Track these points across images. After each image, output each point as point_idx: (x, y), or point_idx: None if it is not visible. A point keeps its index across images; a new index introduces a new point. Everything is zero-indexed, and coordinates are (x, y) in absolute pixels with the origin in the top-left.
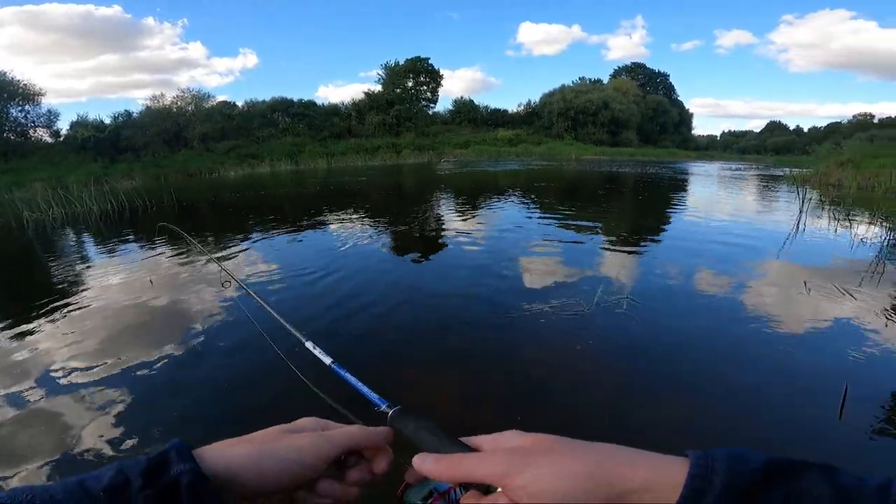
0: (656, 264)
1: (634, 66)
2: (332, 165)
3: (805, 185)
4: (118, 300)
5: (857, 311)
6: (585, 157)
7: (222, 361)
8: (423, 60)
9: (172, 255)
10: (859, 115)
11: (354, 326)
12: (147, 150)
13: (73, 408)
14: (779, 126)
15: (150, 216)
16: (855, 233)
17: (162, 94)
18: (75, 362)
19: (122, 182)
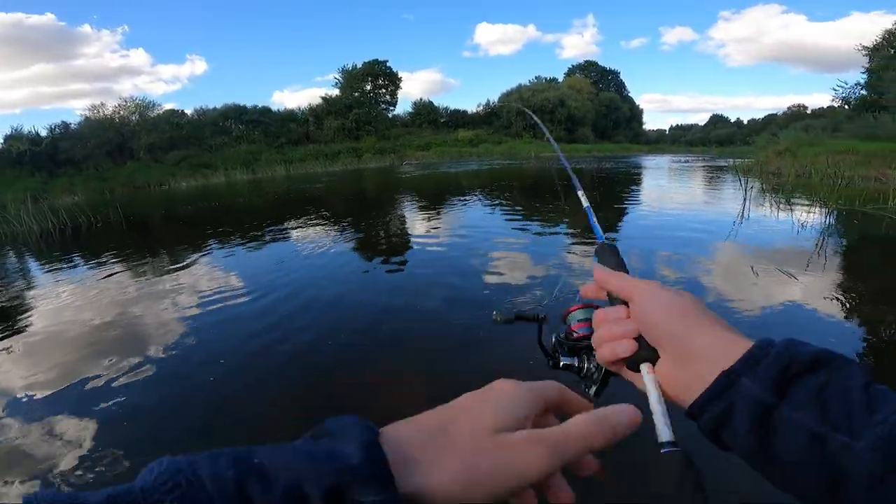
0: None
1: (587, 65)
2: (292, 172)
3: (747, 175)
4: (65, 322)
5: (808, 292)
6: (544, 154)
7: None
8: (381, 63)
9: (121, 273)
10: (793, 107)
11: (310, 331)
12: (88, 162)
13: (26, 434)
14: (721, 119)
15: (95, 233)
16: (797, 218)
17: (102, 104)
18: (23, 389)
19: (63, 198)
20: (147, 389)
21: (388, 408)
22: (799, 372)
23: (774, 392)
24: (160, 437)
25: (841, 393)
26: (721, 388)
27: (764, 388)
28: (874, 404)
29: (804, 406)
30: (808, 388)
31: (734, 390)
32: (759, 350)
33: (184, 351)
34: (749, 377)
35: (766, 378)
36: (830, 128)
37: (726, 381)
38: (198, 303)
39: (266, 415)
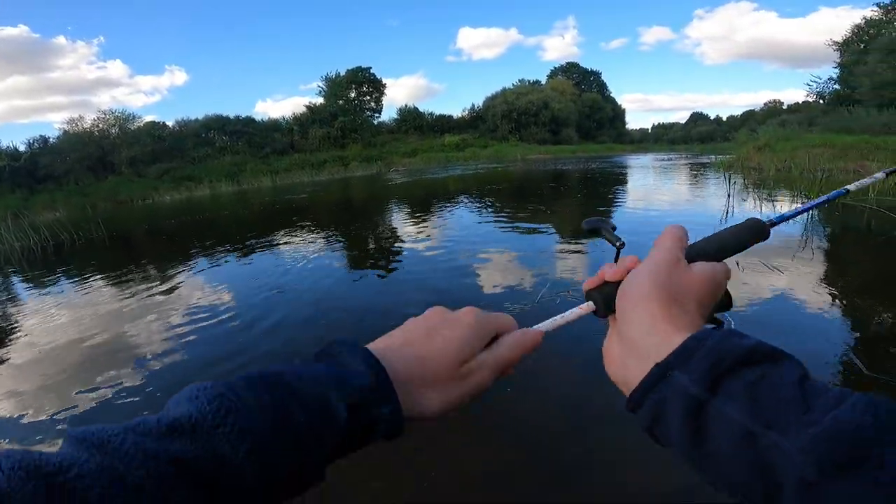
0: (601, 257)
1: (569, 66)
2: (278, 183)
3: (729, 171)
4: (47, 341)
5: (793, 285)
6: (531, 156)
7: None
8: (365, 70)
9: (104, 291)
10: (769, 103)
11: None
12: (69, 177)
13: None
14: (701, 117)
15: (77, 250)
16: (780, 212)
17: (80, 117)
18: (15, 409)
19: (45, 214)
20: (132, 409)
21: None
22: (733, 366)
23: (707, 386)
24: None
25: (774, 388)
26: (654, 380)
27: (695, 381)
28: (809, 401)
29: (735, 400)
30: (740, 381)
31: (666, 384)
32: (694, 342)
33: (169, 367)
34: (681, 370)
35: (697, 371)
36: (806, 122)
37: (659, 373)
38: (182, 319)
39: None
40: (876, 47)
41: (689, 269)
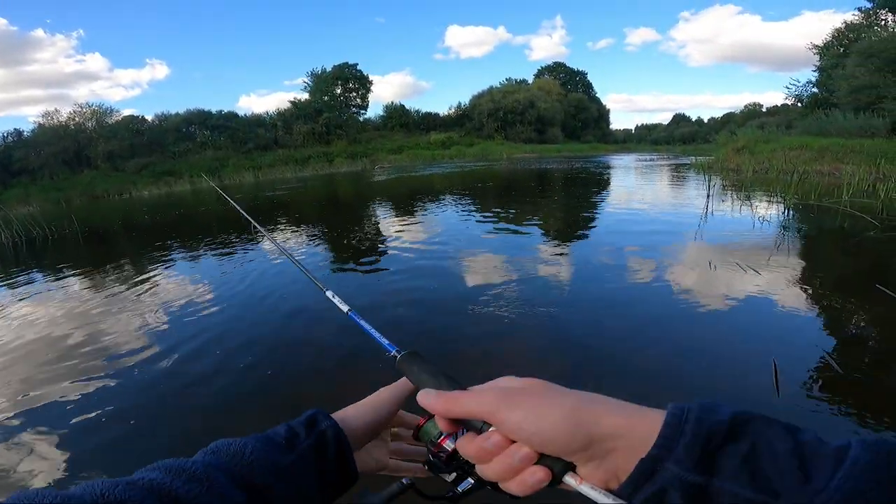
0: (586, 257)
1: (556, 66)
2: (260, 179)
3: (709, 171)
4: (18, 339)
5: (770, 286)
6: (516, 155)
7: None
8: (352, 66)
9: (77, 288)
10: (749, 105)
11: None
12: (44, 171)
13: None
14: (683, 118)
15: (50, 246)
16: (757, 213)
17: (56, 110)
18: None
19: (18, 208)
20: (107, 405)
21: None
22: (720, 443)
23: (702, 470)
24: (121, 451)
25: (770, 459)
26: (644, 475)
27: (689, 468)
28: (808, 469)
29: (734, 477)
30: (734, 457)
31: (660, 475)
32: (672, 428)
33: (145, 364)
34: (671, 461)
35: (688, 459)
36: (784, 125)
37: (648, 468)
38: (152, 315)
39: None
40: (855, 51)
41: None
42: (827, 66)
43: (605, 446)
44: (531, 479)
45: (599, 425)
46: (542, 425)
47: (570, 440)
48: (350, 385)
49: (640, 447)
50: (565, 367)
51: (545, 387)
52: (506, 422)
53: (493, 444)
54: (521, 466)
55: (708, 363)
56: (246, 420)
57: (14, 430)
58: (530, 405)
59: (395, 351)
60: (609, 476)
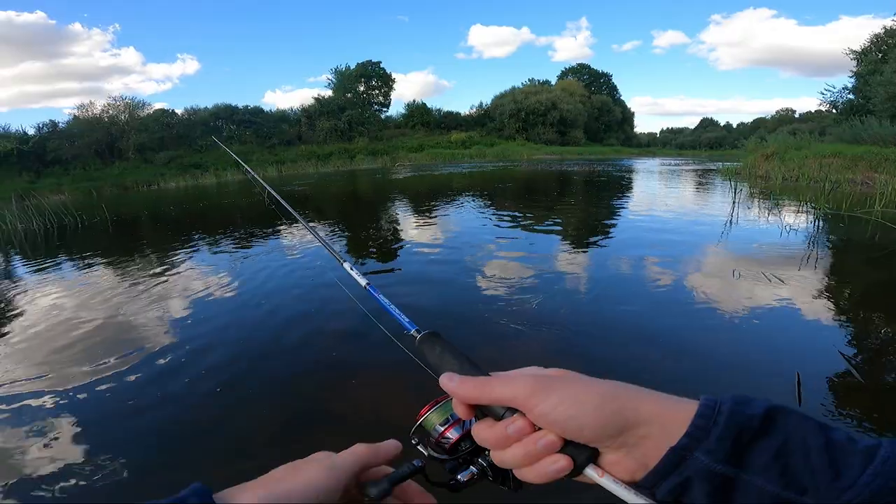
0: (605, 260)
1: (580, 67)
2: (283, 173)
3: (736, 178)
4: (44, 323)
5: (795, 296)
6: (536, 156)
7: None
8: (375, 64)
9: (104, 274)
10: (781, 111)
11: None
12: (76, 162)
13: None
14: (711, 122)
15: (80, 233)
16: (785, 222)
17: (91, 103)
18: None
19: (51, 197)
20: (127, 391)
21: (375, 412)
22: (752, 437)
23: (731, 462)
24: (138, 438)
25: (801, 455)
26: (672, 463)
27: (719, 459)
28: (838, 466)
29: (764, 471)
30: (766, 452)
31: (687, 465)
32: (705, 419)
33: (164, 351)
34: (701, 451)
35: (719, 450)
36: (817, 131)
37: (677, 457)
38: (174, 304)
39: (253, 419)
40: (894, 57)
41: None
42: (864, 72)
43: (639, 433)
44: (552, 467)
45: (636, 411)
46: (579, 410)
47: (605, 425)
48: (366, 370)
49: (671, 436)
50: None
51: (576, 375)
52: (539, 406)
53: (515, 430)
54: (543, 454)
55: (729, 372)
56: (259, 408)
57: (33, 411)
58: (567, 390)
59: (415, 330)
60: (637, 465)
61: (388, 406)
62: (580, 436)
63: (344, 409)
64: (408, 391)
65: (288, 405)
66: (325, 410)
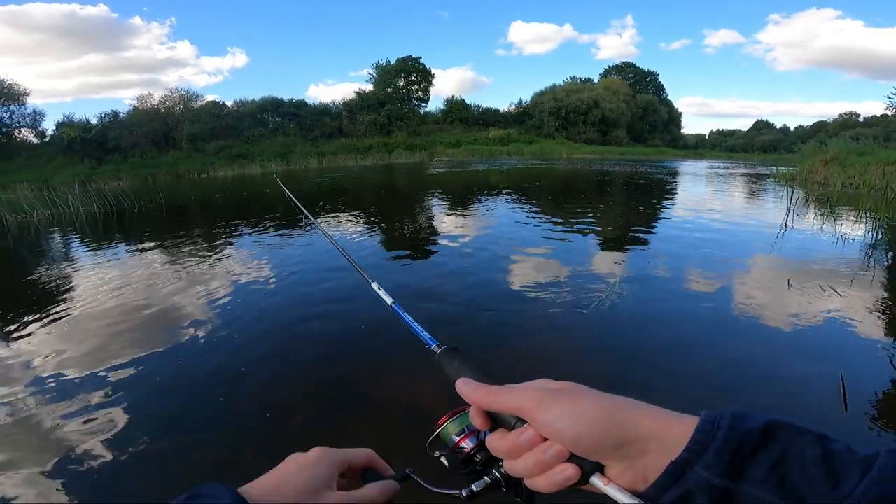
0: (647, 264)
1: (624, 66)
2: (324, 165)
3: (792, 183)
4: (99, 302)
5: (848, 308)
6: (576, 155)
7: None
8: (415, 60)
9: (158, 256)
10: (844, 114)
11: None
12: (135, 150)
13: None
14: (766, 125)
15: (138, 217)
16: (843, 231)
17: (150, 94)
18: (55, 365)
19: (110, 183)
20: (168, 370)
21: (407, 399)
22: (751, 451)
23: (729, 476)
24: (180, 417)
25: (798, 466)
26: (672, 477)
27: (718, 473)
28: (836, 475)
29: (762, 483)
30: (763, 464)
31: (687, 479)
32: (704, 434)
33: (210, 333)
34: (700, 465)
35: (717, 464)
36: (882, 137)
37: (677, 471)
38: (220, 288)
39: (286, 402)
40: None
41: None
42: None
43: (638, 447)
44: (561, 475)
45: (636, 425)
46: (577, 423)
47: (604, 439)
48: (397, 362)
49: (672, 450)
50: (608, 374)
51: (582, 388)
52: (542, 418)
53: (526, 440)
54: (552, 463)
55: (773, 381)
56: (293, 392)
57: (78, 387)
58: (568, 404)
59: (436, 345)
60: (638, 478)
61: (420, 396)
62: (579, 446)
63: (377, 395)
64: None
65: (321, 391)
66: (359, 395)
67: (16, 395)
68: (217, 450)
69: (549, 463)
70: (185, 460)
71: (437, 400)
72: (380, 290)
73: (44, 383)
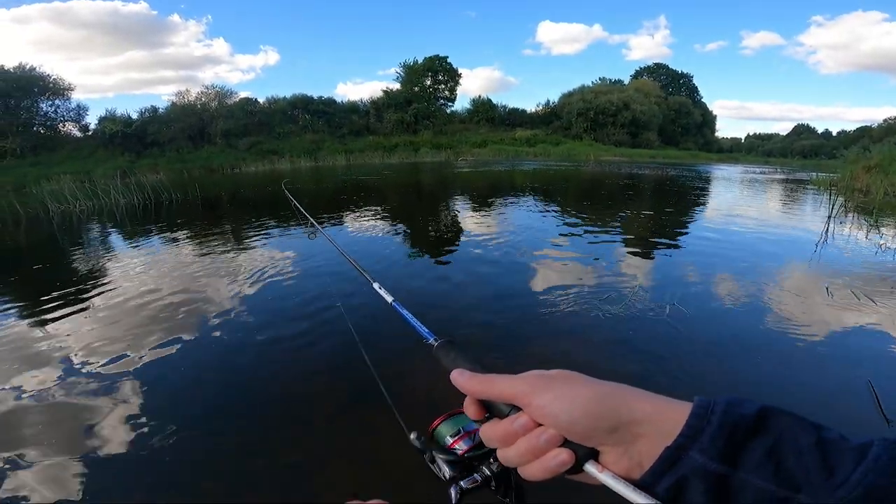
0: (675, 267)
1: (656, 67)
2: (351, 162)
3: (832, 190)
4: (139, 291)
5: (882, 320)
6: (604, 158)
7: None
8: (442, 59)
9: (193, 247)
10: (890, 119)
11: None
12: (172, 145)
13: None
14: (806, 129)
15: (174, 210)
16: (884, 241)
17: (187, 91)
18: (84, 351)
19: (148, 176)
20: (195, 361)
21: (426, 393)
22: (745, 436)
23: (725, 461)
24: (202, 407)
25: (794, 453)
26: (668, 462)
27: (713, 458)
28: (830, 462)
29: (757, 469)
30: (758, 450)
31: (682, 464)
32: (699, 419)
33: (236, 324)
34: (696, 450)
35: (712, 449)
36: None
37: (672, 456)
38: (250, 282)
39: (304, 394)
40: None
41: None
42: None
43: (632, 431)
44: (554, 461)
45: (630, 409)
46: (571, 406)
47: (597, 422)
48: (416, 358)
49: (666, 435)
50: (632, 373)
51: (575, 375)
52: (536, 403)
53: (520, 426)
54: (545, 448)
55: (801, 390)
56: (314, 383)
57: (106, 376)
58: (562, 388)
59: (433, 339)
60: (633, 464)
61: (438, 389)
62: (573, 430)
63: (397, 389)
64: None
65: (343, 385)
66: (379, 390)
67: (46, 380)
68: (244, 441)
69: (543, 448)
70: (208, 452)
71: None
72: (381, 290)
73: (74, 368)
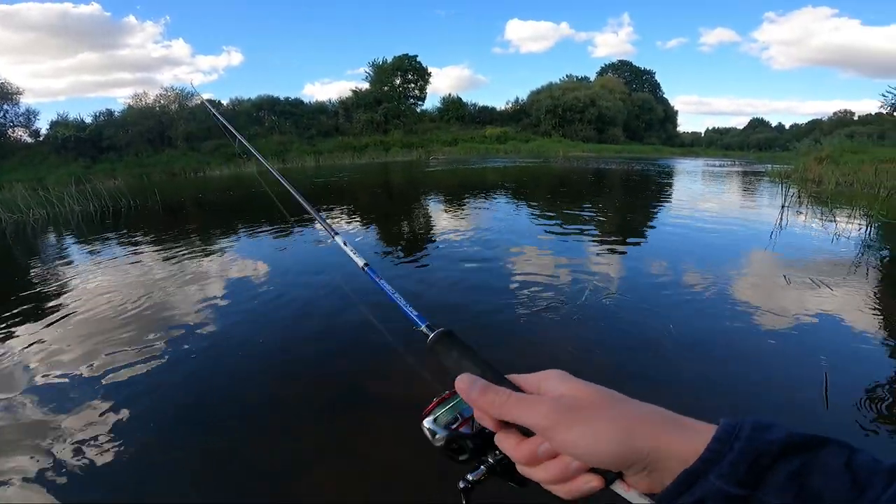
0: (643, 260)
1: (621, 64)
2: (321, 164)
3: (787, 181)
4: (93, 302)
5: (837, 305)
6: (573, 153)
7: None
8: (411, 58)
9: (153, 256)
10: (839, 112)
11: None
12: (130, 149)
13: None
14: (761, 123)
15: (133, 216)
16: (837, 229)
17: (145, 93)
18: (67, 364)
19: (105, 182)
20: (168, 368)
21: (409, 390)
22: (769, 463)
23: (746, 486)
24: (179, 414)
25: (822, 474)
26: (684, 486)
27: (732, 483)
28: (861, 482)
29: (782, 491)
30: (783, 473)
31: (699, 486)
32: (721, 443)
33: (203, 333)
34: (714, 474)
35: (732, 475)
36: (877, 135)
37: (689, 479)
38: (214, 289)
39: (284, 397)
40: None
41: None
42: None
43: (657, 465)
44: (585, 486)
45: (655, 448)
46: (596, 448)
47: (622, 460)
48: (401, 354)
49: (689, 461)
50: (607, 368)
51: (599, 398)
52: (560, 439)
53: (544, 452)
54: (575, 475)
55: (762, 375)
56: (302, 386)
57: (75, 386)
58: (585, 424)
59: (426, 327)
60: (654, 484)
61: (423, 385)
62: (601, 465)
63: (380, 389)
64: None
65: (326, 386)
66: (362, 390)
67: (11, 398)
68: (227, 449)
69: (573, 475)
70: (188, 460)
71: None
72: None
73: (38, 385)
